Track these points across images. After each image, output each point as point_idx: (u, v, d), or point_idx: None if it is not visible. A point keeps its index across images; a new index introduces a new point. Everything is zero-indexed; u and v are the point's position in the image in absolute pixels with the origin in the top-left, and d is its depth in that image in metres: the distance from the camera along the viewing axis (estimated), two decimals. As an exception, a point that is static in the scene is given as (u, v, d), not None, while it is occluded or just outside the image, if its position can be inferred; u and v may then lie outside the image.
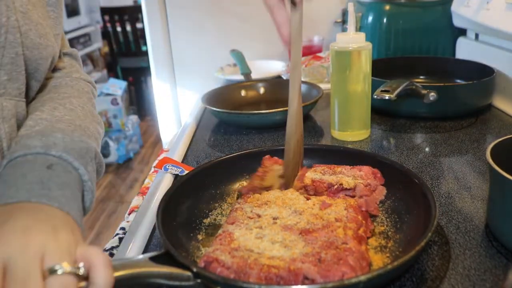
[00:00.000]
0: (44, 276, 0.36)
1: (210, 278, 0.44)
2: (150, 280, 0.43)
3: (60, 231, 0.40)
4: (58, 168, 0.48)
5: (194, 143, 0.93)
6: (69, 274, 0.37)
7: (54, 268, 0.36)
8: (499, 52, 1.03)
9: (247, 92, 1.15)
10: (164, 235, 0.49)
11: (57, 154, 0.49)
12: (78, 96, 0.62)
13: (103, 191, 2.90)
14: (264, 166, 0.67)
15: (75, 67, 0.68)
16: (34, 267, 0.36)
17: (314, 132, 0.95)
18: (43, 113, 0.55)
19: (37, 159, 0.48)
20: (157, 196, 0.69)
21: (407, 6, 1.27)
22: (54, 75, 0.64)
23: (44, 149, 0.49)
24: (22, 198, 0.43)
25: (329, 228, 0.52)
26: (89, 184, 0.51)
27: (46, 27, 0.57)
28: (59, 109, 0.57)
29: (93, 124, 0.60)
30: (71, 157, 0.50)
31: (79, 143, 0.52)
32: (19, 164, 0.47)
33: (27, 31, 0.53)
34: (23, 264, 0.36)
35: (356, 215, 0.55)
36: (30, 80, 0.57)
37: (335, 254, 0.47)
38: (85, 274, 0.38)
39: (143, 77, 4.01)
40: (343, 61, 0.82)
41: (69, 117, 0.56)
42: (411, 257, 0.44)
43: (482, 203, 0.62)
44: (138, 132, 3.50)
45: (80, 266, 0.38)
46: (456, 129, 0.91)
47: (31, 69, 0.55)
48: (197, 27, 1.60)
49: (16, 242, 0.37)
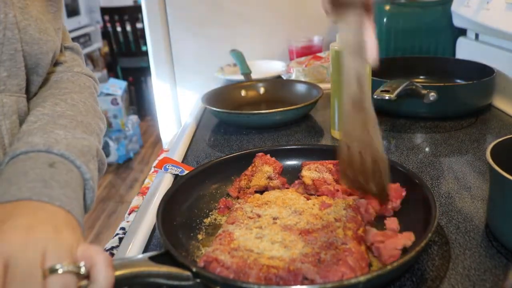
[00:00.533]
0: (45, 275, 0.36)
1: (210, 278, 0.44)
2: (150, 279, 0.43)
3: (62, 231, 0.40)
4: (60, 166, 0.48)
5: (194, 143, 0.93)
6: (70, 273, 0.37)
7: (55, 267, 0.36)
8: (499, 52, 1.03)
9: (247, 92, 1.15)
10: (164, 235, 0.49)
11: (59, 152, 0.49)
12: (80, 91, 0.62)
13: (103, 191, 2.90)
14: (254, 166, 0.67)
15: (77, 61, 0.68)
16: (35, 266, 0.36)
17: (314, 132, 0.95)
18: (44, 108, 0.55)
19: (39, 157, 0.48)
20: (157, 196, 0.69)
21: (407, 6, 1.27)
22: (56, 69, 0.64)
23: (46, 147, 0.49)
24: (24, 197, 0.43)
25: (329, 228, 0.52)
26: (91, 183, 0.51)
27: (45, 22, 0.57)
28: (60, 104, 0.57)
29: (95, 120, 0.59)
30: (73, 155, 0.50)
31: (81, 141, 0.52)
32: (21, 162, 0.47)
33: (26, 26, 0.53)
34: (24, 263, 0.36)
35: (355, 215, 0.55)
36: (32, 75, 0.57)
37: (335, 255, 0.47)
38: (86, 273, 0.38)
39: (143, 77, 4.01)
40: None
41: (71, 113, 0.56)
42: (410, 257, 0.44)
43: (482, 203, 0.62)
44: (138, 132, 3.50)
45: (81, 265, 0.38)
46: (456, 129, 0.91)
47: (31, 64, 0.55)
48: (197, 27, 1.60)
49: (18, 241, 0.37)
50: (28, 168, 0.46)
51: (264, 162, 0.68)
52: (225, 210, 0.62)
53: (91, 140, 0.54)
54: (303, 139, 0.90)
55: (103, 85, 3.28)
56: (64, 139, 0.51)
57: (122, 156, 3.23)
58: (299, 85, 1.13)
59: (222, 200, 0.63)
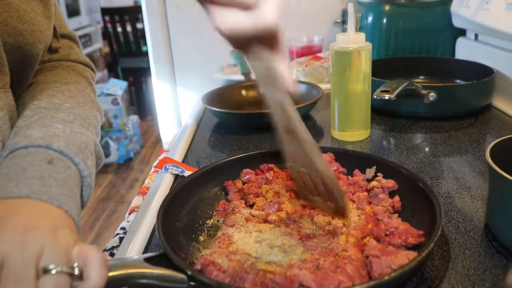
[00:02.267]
0: (38, 275, 0.36)
1: (204, 281, 0.43)
2: (143, 281, 0.43)
3: (60, 231, 0.41)
4: (59, 163, 0.48)
5: (194, 143, 0.93)
6: (63, 273, 0.37)
7: (48, 267, 0.37)
8: (498, 52, 1.03)
9: (247, 92, 1.15)
10: (162, 236, 0.49)
11: (58, 149, 0.49)
12: (77, 81, 0.61)
13: (103, 191, 2.90)
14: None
15: (74, 49, 0.67)
16: (29, 265, 0.36)
17: (314, 132, 0.95)
18: (41, 101, 0.54)
19: (38, 153, 0.48)
20: (157, 196, 0.69)
21: (407, 6, 1.27)
22: (51, 57, 0.62)
23: (45, 142, 0.48)
24: (23, 194, 0.43)
25: (332, 234, 0.51)
26: (88, 180, 0.51)
27: (30, 12, 0.55)
28: (57, 96, 0.56)
29: (92, 111, 0.58)
30: (71, 152, 0.50)
31: (79, 136, 0.52)
32: (20, 157, 0.47)
33: (6, 18, 0.52)
34: (20, 262, 0.36)
35: (366, 223, 0.53)
36: (24, 67, 0.55)
37: (334, 262, 0.46)
38: (79, 274, 0.38)
39: (143, 77, 4.01)
40: (343, 61, 0.82)
41: (69, 105, 0.55)
42: (410, 268, 0.43)
43: (482, 203, 0.62)
44: (139, 132, 3.50)
45: (74, 265, 0.38)
46: (455, 129, 0.91)
47: (19, 56, 0.54)
48: (197, 27, 1.60)
49: (16, 240, 0.38)
50: (27, 164, 0.46)
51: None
52: (223, 212, 0.61)
53: (88, 135, 0.54)
54: (303, 139, 0.90)
55: (104, 85, 3.28)
56: (63, 134, 0.50)
57: (122, 156, 3.24)
58: (299, 85, 1.13)
59: (221, 202, 0.63)
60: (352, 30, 0.82)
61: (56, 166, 0.47)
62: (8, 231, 0.38)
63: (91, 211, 2.65)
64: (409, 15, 1.26)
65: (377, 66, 0.94)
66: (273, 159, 0.67)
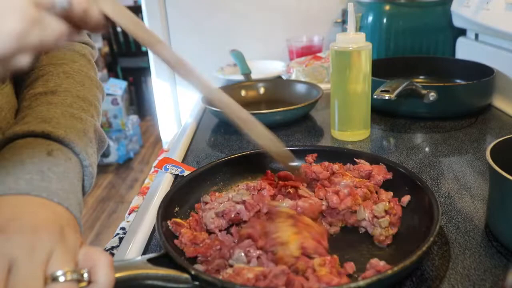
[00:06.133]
0: (46, 282, 0.36)
1: (208, 280, 0.43)
2: (148, 282, 0.43)
3: (67, 233, 0.40)
4: (58, 154, 0.47)
5: (194, 143, 0.93)
6: (71, 281, 0.36)
7: (56, 274, 0.36)
8: (499, 52, 1.03)
9: (247, 92, 1.15)
10: (163, 237, 0.49)
11: (58, 138, 0.48)
12: (73, 60, 0.59)
13: (103, 191, 2.90)
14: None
15: None
16: (38, 272, 0.35)
17: (314, 132, 0.95)
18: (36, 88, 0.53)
19: (37, 143, 0.47)
20: (157, 196, 0.69)
21: (407, 6, 1.27)
22: None
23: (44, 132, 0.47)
24: (22, 191, 0.42)
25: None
26: (90, 170, 0.50)
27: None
28: (52, 79, 0.54)
29: (92, 91, 0.57)
30: (72, 142, 0.49)
31: (78, 122, 0.51)
32: (18, 148, 0.46)
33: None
34: (28, 267, 0.35)
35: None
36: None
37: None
38: (87, 279, 0.38)
39: (143, 77, 4.01)
40: (343, 61, 0.82)
41: (66, 86, 0.54)
42: (411, 262, 0.43)
43: (482, 203, 0.62)
44: (138, 132, 3.50)
45: (83, 272, 0.37)
46: (456, 129, 0.91)
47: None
48: (197, 27, 1.60)
49: (25, 244, 0.37)
50: (25, 156, 0.45)
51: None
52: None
53: (88, 120, 0.52)
54: (303, 139, 0.90)
55: (103, 86, 3.27)
56: (62, 120, 0.49)
57: (122, 156, 3.24)
58: (299, 85, 1.13)
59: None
60: (352, 30, 0.82)
61: (55, 158, 0.46)
62: (17, 234, 0.37)
63: (91, 211, 2.65)
64: (409, 15, 1.26)
65: (377, 66, 0.94)
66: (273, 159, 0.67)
